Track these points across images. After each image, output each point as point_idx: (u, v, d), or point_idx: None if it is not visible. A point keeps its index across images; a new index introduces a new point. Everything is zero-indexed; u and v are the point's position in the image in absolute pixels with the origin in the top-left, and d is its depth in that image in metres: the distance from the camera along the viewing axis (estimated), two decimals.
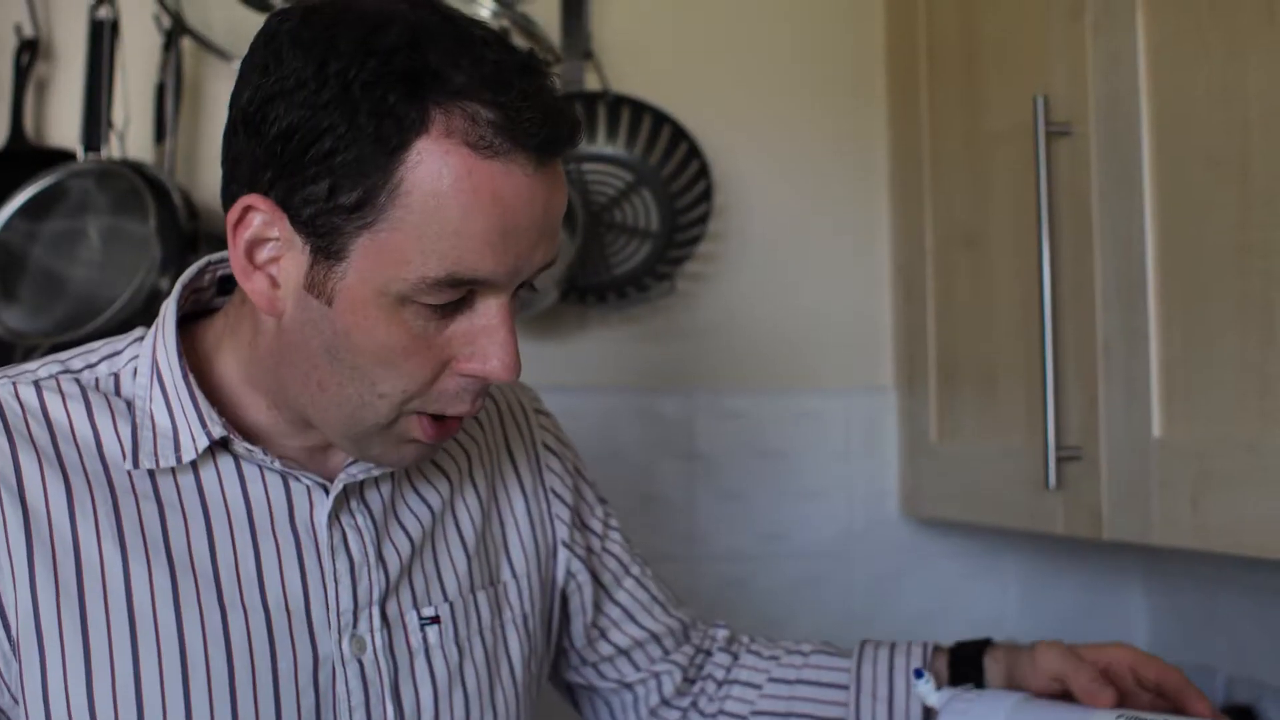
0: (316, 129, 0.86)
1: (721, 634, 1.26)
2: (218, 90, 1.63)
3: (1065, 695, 1.06)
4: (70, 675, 0.92)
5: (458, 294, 0.89)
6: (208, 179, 1.60)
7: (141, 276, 1.46)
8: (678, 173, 1.74)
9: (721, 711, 1.23)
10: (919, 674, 1.10)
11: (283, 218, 0.90)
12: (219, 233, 1.29)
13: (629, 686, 1.23)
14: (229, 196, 0.92)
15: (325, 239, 0.89)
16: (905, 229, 1.76)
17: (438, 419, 0.95)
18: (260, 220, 0.90)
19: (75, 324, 1.46)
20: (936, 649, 1.19)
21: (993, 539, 1.81)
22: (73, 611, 0.93)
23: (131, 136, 1.57)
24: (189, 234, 1.47)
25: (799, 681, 1.22)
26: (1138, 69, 1.22)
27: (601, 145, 1.75)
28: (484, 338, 0.91)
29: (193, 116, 1.61)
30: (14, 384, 0.98)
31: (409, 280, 0.88)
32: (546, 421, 1.20)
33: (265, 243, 0.91)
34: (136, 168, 1.50)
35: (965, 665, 1.15)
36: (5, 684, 0.93)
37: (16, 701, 0.93)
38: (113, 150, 1.53)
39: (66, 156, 1.53)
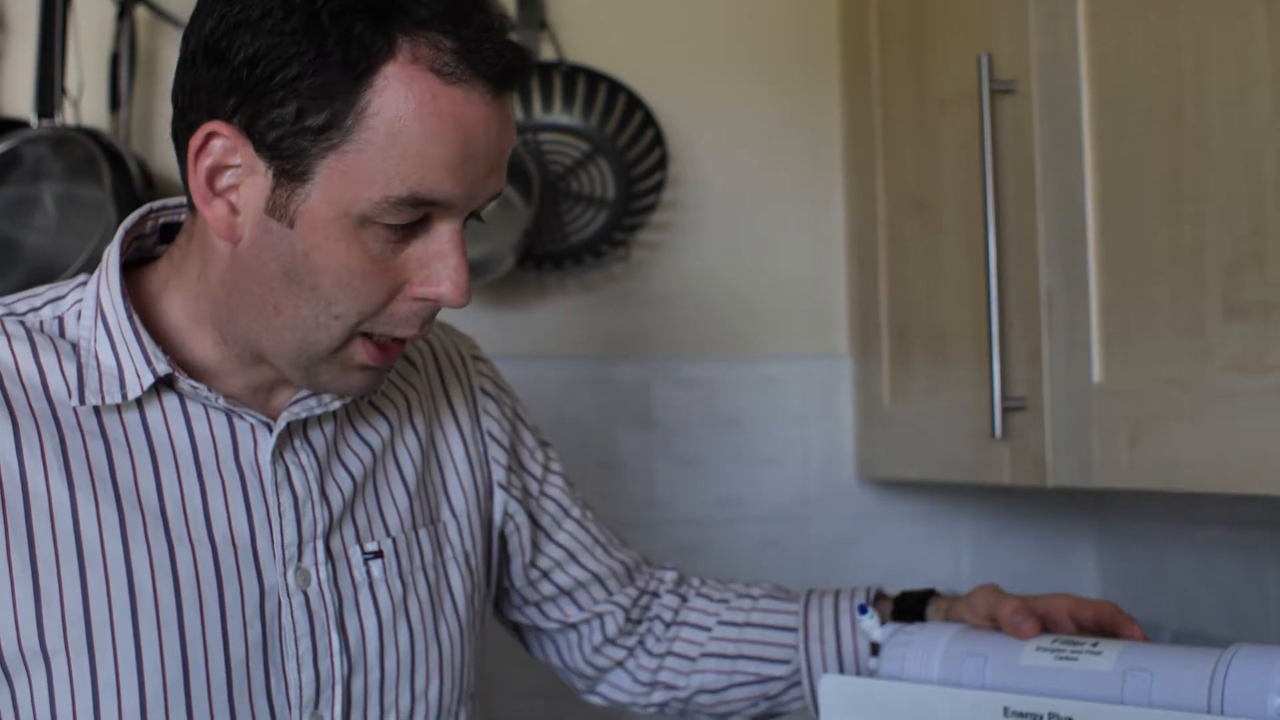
0: (284, 55, 0.89)
1: (670, 576, 1.28)
2: (172, 59, 1.63)
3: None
4: (20, 609, 0.94)
5: (417, 214, 0.93)
6: (163, 147, 1.61)
7: (96, 242, 1.47)
8: (633, 142, 1.76)
9: (670, 652, 1.25)
10: (863, 610, 1.12)
11: (245, 143, 0.92)
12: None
13: (573, 626, 1.25)
14: (186, 126, 0.94)
15: (290, 161, 0.92)
16: (858, 196, 1.78)
17: (380, 345, 0.97)
18: (222, 146, 0.93)
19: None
20: (880, 595, 1.21)
21: (945, 501, 1.84)
22: (21, 547, 0.94)
23: (86, 106, 1.58)
24: (144, 200, 1.48)
25: (748, 624, 1.24)
26: (1077, 25, 1.24)
27: (557, 115, 1.77)
28: (437, 262, 0.95)
29: (147, 86, 1.62)
30: None
31: (372, 200, 0.91)
32: (484, 368, 1.22)
33: (226, 169, 0.94)
34: (91, 134, 1.51)
35: (908, 615, 1.17)
36: None
37: None
38: (66, 118, 1.54)
39: (20, 125, 1.53)
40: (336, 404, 1.04)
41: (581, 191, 1.76)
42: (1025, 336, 1.33)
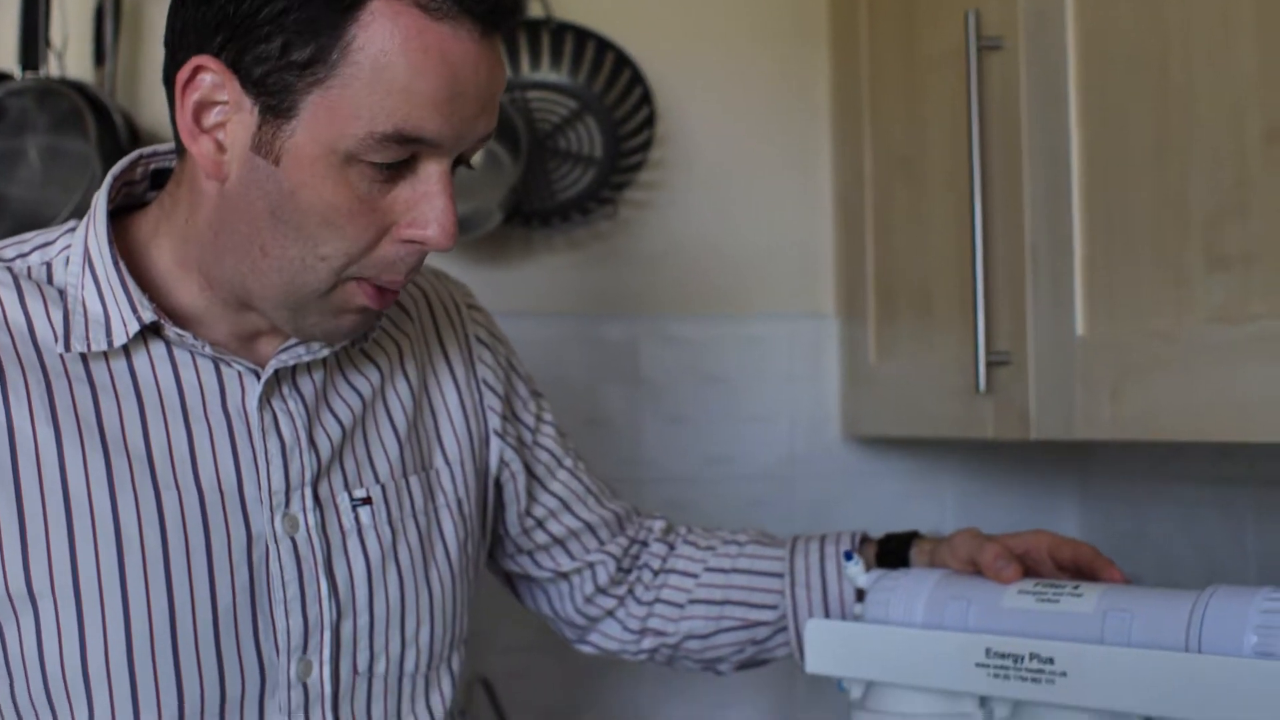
0: None
1: (658, 525, 1.29)
2: (156, 14, 1.63)
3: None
4: (6, 554, 0.95)
5: (404, 153, 0.93)
6: (148, 101, 1.61)
7: (81, 195, 1.47)
8: (621, 100, 1.76)
9: (658, 599, 1.26)
10: (849, 556, 1.14)
11: (232, 79, 0.93)
12: None
13: (564, 576, 1.26)
14: (176, 66, 0.95)
15: (276, 97, 0.92)
16: (845, 156, 1.78)
17: (377, 287, 0.98)
18: (210, 81, 0.93)
19: None
20: (865, 539, 1.23)
21: (931, 458, 1.85)
22: (7, 492, 0.95)
23: (70, 59, 1.58)
24: (130, 153, 1.48)
25: (734, 570, 1.25)
26: None
27: (545, 72, 1.77)
28: (424, 203, 0.95)
29: (132, 39, 1.62)
30: None
31: (357, 136, 0.91)
32: (479, 316, 1.23)
33: (213, 106, 0.94)
34: (76, 87, 1.51)
35: (892, 558, 1.18)
36: None
37: None
38: (51, 70, 1.54)
39: (4, 78, 1.53)
40: (325, 352, 1.05)
41: (569, 149, 1.76)
42: (1010, 291, 1.34)
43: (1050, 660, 0.95)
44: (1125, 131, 1.17)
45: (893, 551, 1.19)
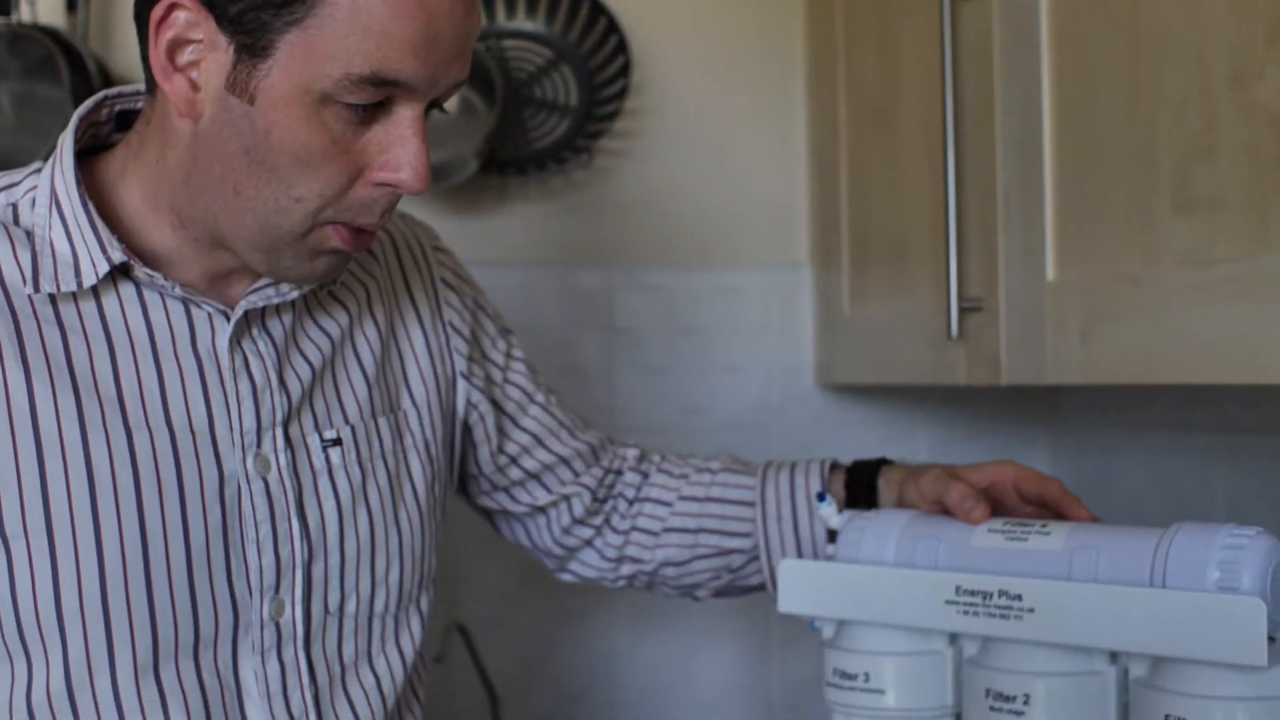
0: None
1: (632, 453, 1.31)
2: None
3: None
4: None
5: (378, 95, 0.93)
6: (121, 46, 1.61)
7: (55, 142, 1.46)
8: (596, 49, 1.76)
9: (634, 528, 1.28)
10: (821, 497, 1.15)
11: (207, 17, 0.93)
12: None
13: (541, 509, 1.28)
14: (149, 3, 0.94)
15: (252, 36, 0.92)
16: (819, 106, 1.79)
17: (354, 230, 0.98)
18: (184, 19, 0.93)
19: None
20: (834, 466, 1.24)
21: (903, 406, 1.87)
22: None
23: (42, 4, 1.56)
24: None
25: (708, 499, 1.27)
26: None
27: (521, 21, 1.77)
28: (398, 146, 0.95)
29: None
30: None
31: (333, 78, 0.91)
32: (445, 258, 1.23)
33: (187, 44, 0.94)
34: (49, 32, 1.50)
35: (860, 487, 1.20)
36: None
37: None
38: (23, 16, 1.53)
39: None
40: (294, 294, 1.05)
41: (545, 98, 1.77)
42: (982, 237, 1.35)
43: (1019, 597, 0.96)
44: (1096, 79, 1.18)
45: (861, 479, 1.21)
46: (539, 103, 1.77)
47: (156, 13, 0.94)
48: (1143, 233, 1.12)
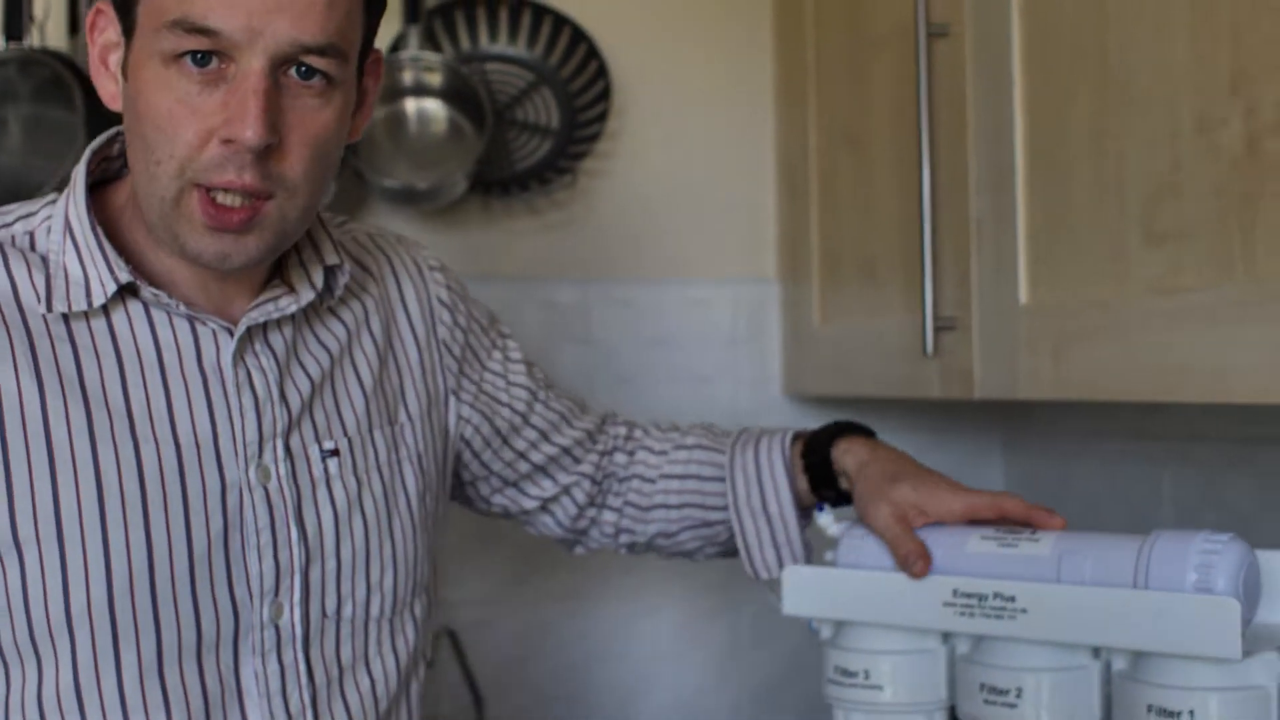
0: None
1: (621, 431, 1.39)
2: None
3: None
4: None
5: (202, 43, 0.98)
6: None
7: (68, 164, 1.51)
8: (576, 73, 1.84)
9: (626, 503, 1.37)
10: (820, 508, 1.24)
11: (114, 19, 1.03)
12: None
13: (551, 501, 1.36)
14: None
15: (126, 19, 1.02)
16: (789, 131, 1.88)
17: (211, 201, 1.01)
18: (104, 21, 1.05)
19: None
20: (797, 436, 1.34)
21: (865, 415, 1.94)
22: None
23: (51, 30, 1.61)
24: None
25: (686, 476, 1.36)
26: None
27: (503, 45, 1.84)
28: (236, 103, 0.99)
29: None
30: None
31: (159, 33, 0.99)
32: (439, 277, 1.29)
33: (114, 47, 1.04)
34: (59, 56, 1.55)
35: (816, 457, 1.30)
36: None
37: None
38: (33, 41, 1.57)
39: None
40: (292, 308, 1.11)
41: (527, 120, 1.84)
42: (955, 262, 1.44)
43: (1012, 598, 1.05)
44: (1067, 117, 1.28)
45: (817, 454, 1.30)
46: (521, 125, 1.84)
47: (88, 19, 1.05)
48: (1113, 261, 1.21)
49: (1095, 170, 1.24)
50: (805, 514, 1.32)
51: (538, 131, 1.84)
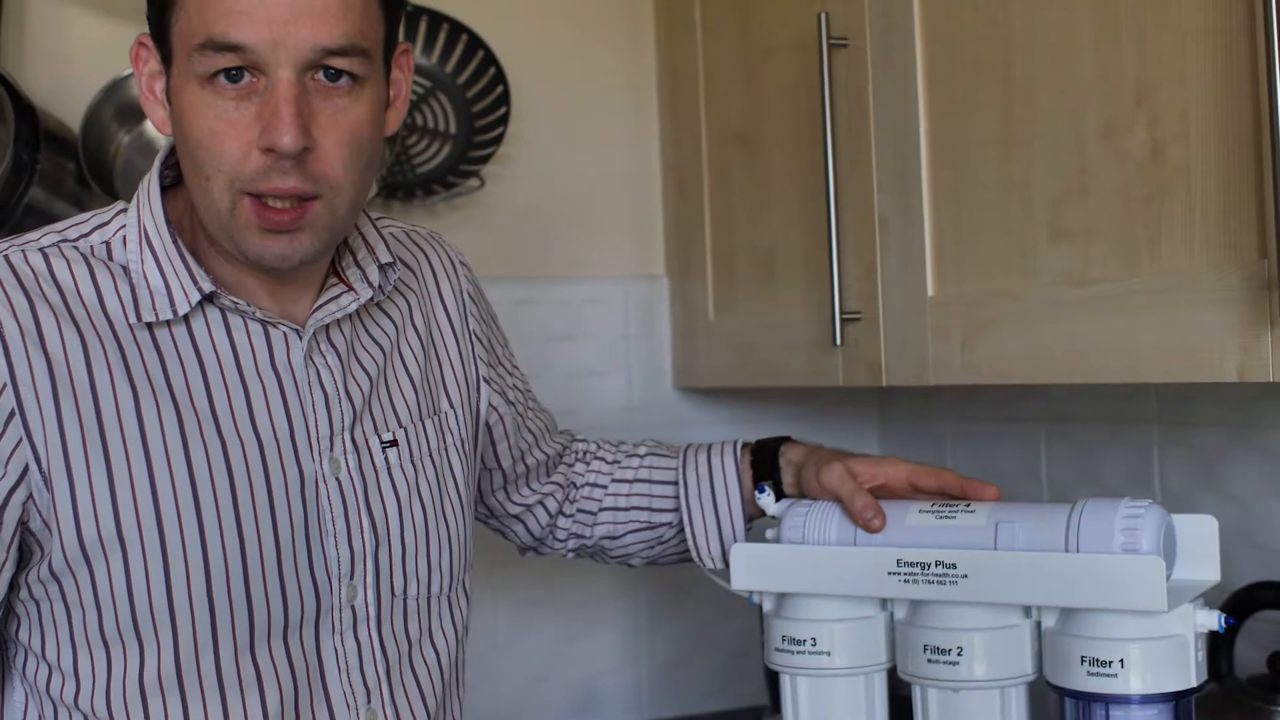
0: None
1: (581, 447, 1.49)
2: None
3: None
4: (98, 502, 1.06)
5: (231, 61, 1.03)
6: (34, 80, 1.65)
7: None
8: (474, 80, 1.89)
9: (579, 510, 1.46)
10: (760, 489, 1.32)
11: (154, 49, 1.09)
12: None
13: (528, 509, 1.44)
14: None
15: (164, 47, 1.07)
16: (678, 134, 1.96)
17: (262, 205, 1.06)
18: (146, 53, 1.10)
19: None
20: (744, 445, 1.42)
21: (749, 405, 2.06)
22: (96, 447, 1.06)
23: None
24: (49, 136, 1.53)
25: (636, 480, 1.45)
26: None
27: None
28: (270, 113, 1.04)
29: (18, 17, 1.65)
30: (22, 251, 1.10)
31: (193, 56, 1.04)
32: (468, 273, 1.37)
33: (158, 75, 1.10)
34: None
35: (764, 465, 1.38)
36: (39, 510, 1.05)
37: (48, 526, 1.05)
38: None
39: None
40: (353, 307, 1.17)
41: (425, 126, 1.88)
42: (860, 257, 1.54)
43: (953, 565, 1.15)
44: (972, 124, 1.38)
45: (764, 459, 1.39)
46: (420, 130, 1.88)
47: (132, 51, 1.10)
48: (1020, 255, 1.33)
49: (1002, 173, 1.35)
50: (749, 516, 1.41)
51: (436, 136, 1.88)
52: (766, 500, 1.31)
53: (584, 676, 1.98)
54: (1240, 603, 1.36)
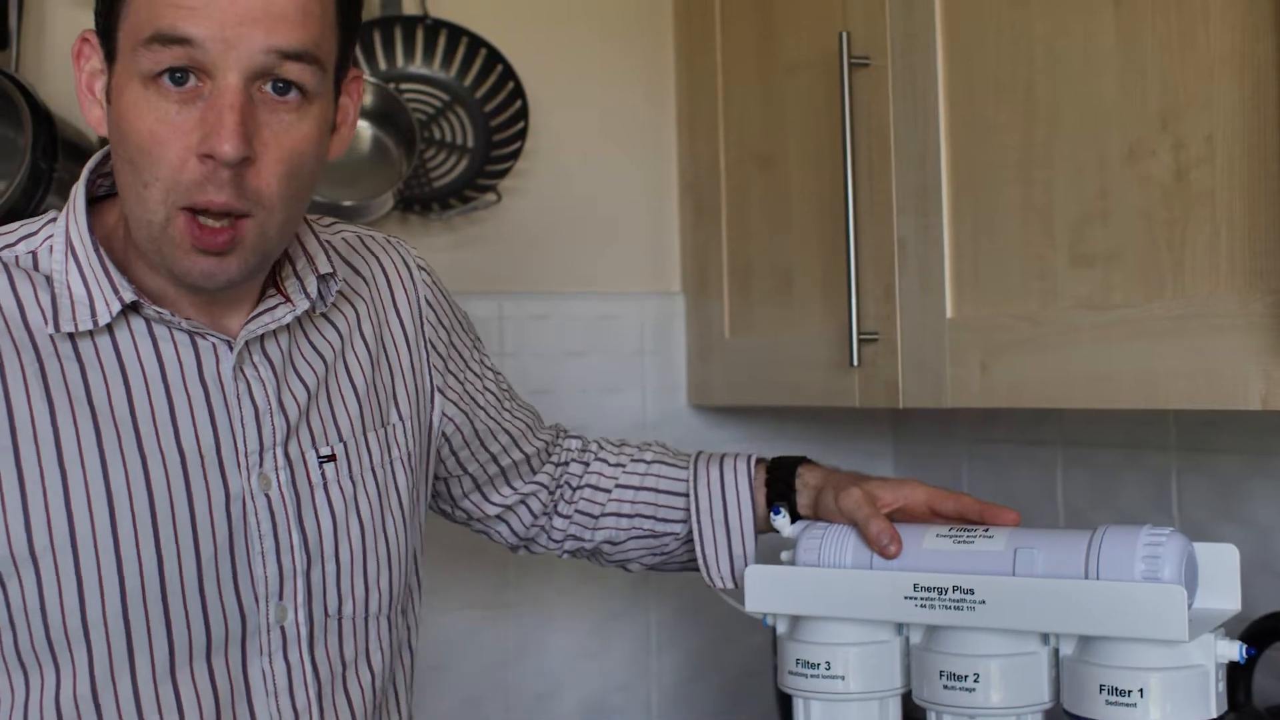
0: None
1: (575, 444, 1.46)
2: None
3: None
4: (9, 517, 1.04)
5: (176, 58, 0.99)
6: (53, 80, 1.65)
7: (15, 183, 1.50)
8: (492, 94, 1.88)
9: (577, 511, 1.43)
10: (776, 510, 1.31)
11: (98, 46, 1.06)
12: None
13: (509, 510, 1.42)
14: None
15: (107, 44, 1.05)
16: (695, 151, 1.96)
17: (197, 224, 1.03)
18: (89, 50, 1.07)
19: None
20: (758, 461, 1.40)
21: (765, 424, 2.05)
22: (8, 461, 1.04)
23: None
24: (60, 139, 1.53)
25: (643, 488, 1.43)
26: (934, 10, 1.44)
27: (418, 66, 1.88)
28: (212, 117, 1.00)
29: (37, 20, 1.65)
30: None
31: (139, 51, 1.01)
32: (427, 277, 1.33)
33: (99, 74, 1.07)
34: (4, 73, 1.54)
35: (779, 485, 1.36)
36: None
37: None
38: None
39: None
40: (287, 319, 1.14)
41: (443, 139, 1.88)
42: (878, 278, 1.53)
43: (971, 591, 1.14)
44: (993, 145, 1.37)
45: (780, 479, 1.37)
46: (438, 143, 1.88)
47: (74, 48, 1.08)
48: (1041, 279, 1.32)
49: (1023, 194, 1.34)
50: (761, 532, 1.40)
51: (454, 150, 1.88)
52: (782, 522, 1.30)
53: (594, 694, 1.97)
54: (1259, 633, 1.34)
